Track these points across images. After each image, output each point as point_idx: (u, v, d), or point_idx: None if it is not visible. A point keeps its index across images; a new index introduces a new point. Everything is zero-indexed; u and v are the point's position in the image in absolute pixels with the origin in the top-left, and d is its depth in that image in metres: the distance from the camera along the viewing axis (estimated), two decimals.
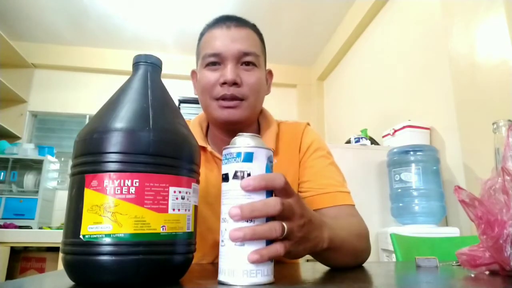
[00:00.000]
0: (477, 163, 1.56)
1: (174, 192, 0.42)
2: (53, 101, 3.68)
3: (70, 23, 3.34)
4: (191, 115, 3.79)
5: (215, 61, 0.73)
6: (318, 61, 3.91)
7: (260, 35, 0.81)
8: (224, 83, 0.71)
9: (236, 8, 3.03)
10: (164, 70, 0.51)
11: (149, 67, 0.48)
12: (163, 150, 0.42)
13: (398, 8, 2.51)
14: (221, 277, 0.41)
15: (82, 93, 3.68)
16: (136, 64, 0.49)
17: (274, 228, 0.41)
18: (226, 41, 0.73)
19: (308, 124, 0.87)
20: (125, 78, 0.48)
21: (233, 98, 0.72)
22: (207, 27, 0.79)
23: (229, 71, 0.71)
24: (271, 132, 0.80)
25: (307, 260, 0.91)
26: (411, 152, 1.84)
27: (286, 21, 3.26)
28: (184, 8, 3.08)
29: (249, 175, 0.42)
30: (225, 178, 0.43)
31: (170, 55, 3.66)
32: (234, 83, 0.71)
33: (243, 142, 0.44)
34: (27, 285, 0.45)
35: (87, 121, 3.65)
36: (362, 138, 2.37)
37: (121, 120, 0.42)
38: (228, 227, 0.41)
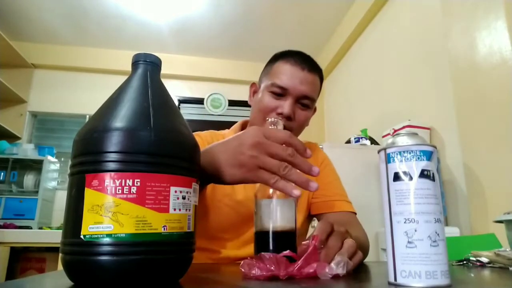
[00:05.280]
0: (477, 163, 1.55)
1: (175, 192, 0.42)
2: (53, 101, 3.67)
3: (70, 23, 3.34)
4: (191, 115, 3.81)
5: (279, 93, 0.83)
6: (318, 61, 3.87)
7: (322, 80, 0.94)
8: (281, 113, 0.82)
9: (236, 8, 3.03)
10: (164, 70, 0.51)
11: (149, 66, 0.48)
12: (165, 149, 0.42)
13: (398, 8, 2.51)
14: (402, 280, 0.40)
15: (82, 93, 3.67)
16: (135, 63, 0.48)
17: None
18: (295, 80, 0.84)
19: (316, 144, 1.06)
20: (125, 78, 0.48)
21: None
22: (282, 56, 0.89)
23: (288, 107, 0.82)
24: None
25: None
26: None
27: (285, 21, 3.26)
28: (184, 8, 3.08)
29: (433, 174, 0.41)
30: (398, 177, 0.41)
31: (170, 55, 3.65)
32: (288, 117, 0.82)
33: (413, 139, 0.42)
34: (27, 285, 0.45)
35: (87, 121, 3.66)
36: (362, 138, 2.37)
37: (122, 119, 0.41)
38: (418, 227, 0.40)
